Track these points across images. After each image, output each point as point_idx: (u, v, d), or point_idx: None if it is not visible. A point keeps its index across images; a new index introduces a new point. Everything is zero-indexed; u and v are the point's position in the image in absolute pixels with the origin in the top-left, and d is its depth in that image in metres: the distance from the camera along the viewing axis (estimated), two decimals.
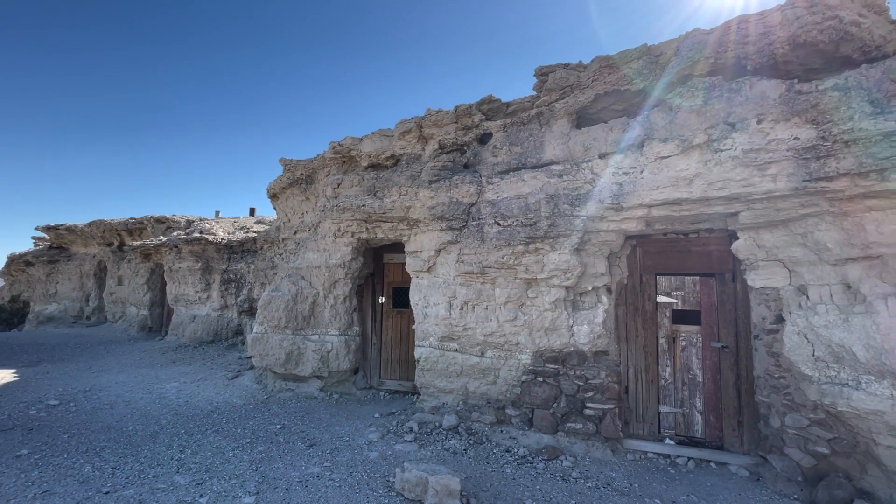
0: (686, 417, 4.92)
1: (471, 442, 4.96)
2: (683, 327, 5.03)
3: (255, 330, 7.31)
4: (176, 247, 12.19)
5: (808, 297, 4.04)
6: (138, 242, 13.72)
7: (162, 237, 13.41)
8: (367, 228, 6.58)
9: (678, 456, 4.65)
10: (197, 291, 11.93)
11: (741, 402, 4.68)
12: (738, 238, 4.41)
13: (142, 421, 5.58)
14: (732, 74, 4.27)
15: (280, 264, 8.20)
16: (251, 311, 10.70)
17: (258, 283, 9.63)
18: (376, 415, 5.94)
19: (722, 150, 4.00)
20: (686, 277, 5.06)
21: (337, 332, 7.02)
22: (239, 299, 11.25)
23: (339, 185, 6.72)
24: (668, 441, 4.90)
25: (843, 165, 3.47)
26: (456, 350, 5.68)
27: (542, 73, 5.23)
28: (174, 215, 14.59)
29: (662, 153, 4.32)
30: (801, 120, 3.68)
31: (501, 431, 5.17)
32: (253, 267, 10.21)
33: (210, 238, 11.62)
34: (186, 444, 4.84)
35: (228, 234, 12.62)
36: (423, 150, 6.13)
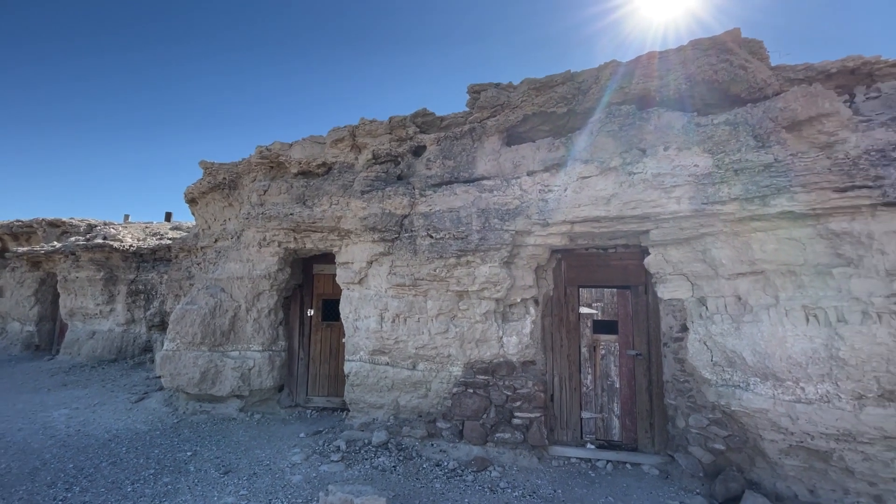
0: (605, 422, 5.21)
1: (401, 458, 4.86)
2: (603, 336, 5.35)
3: (165, 347, 6.66)
4: (73, 254, 10.84)
5: (707, 307, 4.48)
6: (25, 248, 12.01)
7: (56, 243, 11.87)
8: (295, 238, 6.29)
9: (598, 459, 4.90)
10: (98, 304, 10.67)
11: (653, 405, 5.05)
12: (649, 254, 4.80)
13: (18, 456, 4.82)
14: (644, 104, 4.67)
15: (198, 275, 7.58)
16: (163, 326, 9.76)
17: (172, 295, 8.82)
18: (302, 434, 5.64)
19: (635, 174, 4.35)
20: (605, 290, 5.40)
21: (260, 348, 6.60)
22: (149, 313, 10.23)
23: (265, 191, 6.38)
24: (589, 446, 5.15)
25: (733, 191, 3.91)
26: (387, 364, 5.57)
27: (475, 91, 5.38)
28: (72, 218, 13.00)
29: (584, 174, 4.61)
30: (699, 149, 4.11)
31: (432, 445, 5.13)
32: (166, 277, 9.35)
33: (115, 245, 10.48)
34: (75, 481, 4.25)
35: (138, 240, 11.47)
36: (357, 159, 6.02)
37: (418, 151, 5.84)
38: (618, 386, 5.21)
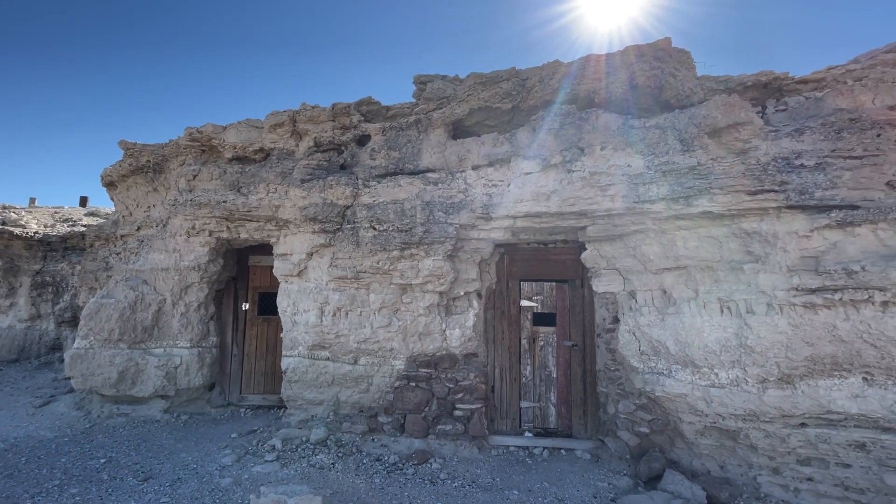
0: (542, 410, 5.40)
1: (340, 454, 4.75)
2: (542, 328, 5.53)
3: (76, 345, 6.03)
4: None
5: (636, 300, 4.75)
6: None
7: None
8: (228, 227, 5.92)
9: (535, 447, 5.07)
10: None
11: (587, 393, 5.31)
12: (586, 249, 5.00)
13: None
14: (587, 105, 4.83)
15: (116, 265, 6.92)
16: (74, 322, 8.84)
17: (86, 288, 7.99)
18: (233, 435, 5.34)
19: (573, 171, 4.51)
20: (545, 283, 5.58)
21: (188, 344, 6.16)
22: (58, 307, 9.24)
23: (195, 176, 5.93)
24: (527, 434, 5.31)
25: (661, 191, 4.17)
26: (327, 358, 5.41)
27: (421, 82, 5.31)
28: None
29: (526, 170, 4.71)
30: (632, 150, 4.33)
31: (373, 440, 5.05)
32: (79, 268, 8.46)
33: (17, 231, 9.33)
34: None
35: (46, 226, 10.29)
36: (297, 146, 5.75)
37: (363, 141, 5.68)
38: (555, 376, 5.42)
